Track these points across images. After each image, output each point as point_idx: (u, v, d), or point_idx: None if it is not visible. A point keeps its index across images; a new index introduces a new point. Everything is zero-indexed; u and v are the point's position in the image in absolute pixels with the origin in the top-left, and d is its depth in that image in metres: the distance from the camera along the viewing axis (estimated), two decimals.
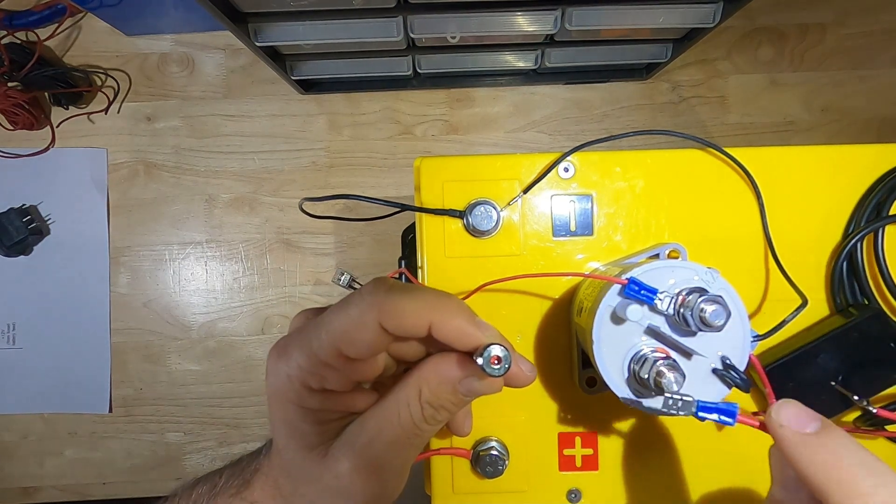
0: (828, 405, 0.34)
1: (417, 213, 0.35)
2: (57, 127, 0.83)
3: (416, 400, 0.25)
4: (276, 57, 0.71)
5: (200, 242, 0.85)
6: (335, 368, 0.25)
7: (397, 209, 0.36)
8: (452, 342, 0.24)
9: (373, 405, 0.27)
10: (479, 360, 0.23)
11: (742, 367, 0.27)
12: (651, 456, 0.36)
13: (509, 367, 0.23)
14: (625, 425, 0.36)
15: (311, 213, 0.44)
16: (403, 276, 0.39)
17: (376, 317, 0.24)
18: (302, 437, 0.27)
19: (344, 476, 0.26)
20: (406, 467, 0.28)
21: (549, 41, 0.73)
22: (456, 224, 0.35)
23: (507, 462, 0.34)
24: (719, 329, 0.25)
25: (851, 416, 0.35)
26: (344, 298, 0.26)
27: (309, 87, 0.82)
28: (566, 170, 0.35)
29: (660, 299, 0.26)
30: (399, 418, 0.26)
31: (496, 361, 0.23)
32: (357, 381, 0.27)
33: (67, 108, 0.84)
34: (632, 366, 0.27)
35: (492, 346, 0.23)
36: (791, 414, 0.22)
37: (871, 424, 0.34)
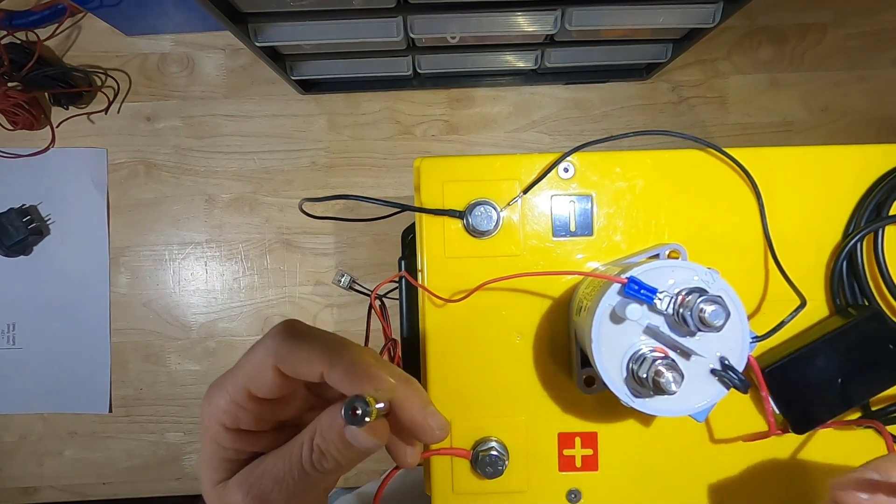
0: (827, 406, 0.34)
1: (417, 214, 0.35)
2: (57, 127, 0.83)
3: (308, 441, 0.26)
4: (276, 57, 0.71)
5: (200, 242, 0.86)
6: (247, 409, 0.26)
7: (397, 209, 0.36)
8: (342, 390, 0.25)
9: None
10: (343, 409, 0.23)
11: (741, 368, 0.27)
12: (651, 456, 0.36)
13: (368, 420, 0.23)
14: (625, 425, 0.36)
15: (311, 213, 0.44)
16: (403, 279, 0.39)
17: (273, 361, 0.25)
18: (213, 472, 0.27)
19: None
20: None
21: (549, 41, 0.73)
22: (456, 224, 0.35)
23: (507, 462, 0.34)
24: (718, 329, 0.25)
25: (851, 416, 0.35)
26: (257, 340, 0.27)
27: (309, 87, 0.82)
28: (566, 170, 0.35)
29: (659, 299, 0.26)
30: (290, 456, 0.26)
31: (353, 412, 0.23)
32: (275, 420, 0.28)
33: (67, 108, 0.84)
34: (630, 365, 0.27)
35: (354, 398, 0.23)
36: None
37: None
